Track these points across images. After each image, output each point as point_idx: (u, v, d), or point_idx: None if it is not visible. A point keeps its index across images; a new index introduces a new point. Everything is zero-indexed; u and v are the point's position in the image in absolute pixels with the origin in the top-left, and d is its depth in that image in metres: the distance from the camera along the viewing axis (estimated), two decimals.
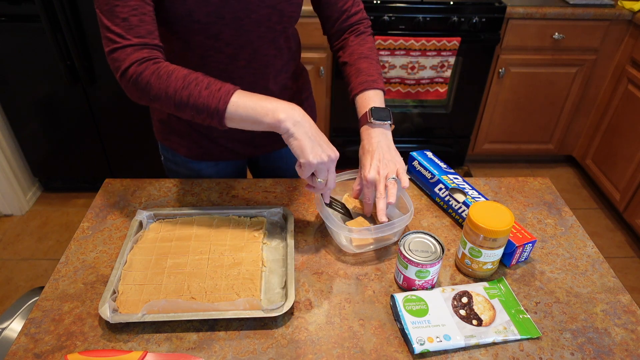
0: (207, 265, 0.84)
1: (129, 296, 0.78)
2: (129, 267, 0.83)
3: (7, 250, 2.12)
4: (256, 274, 0.82)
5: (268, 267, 0.85)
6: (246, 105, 0.75)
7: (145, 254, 0.86)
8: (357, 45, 1.00)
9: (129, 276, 0.82)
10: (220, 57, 0.91)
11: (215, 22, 0.85)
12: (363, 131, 0.93)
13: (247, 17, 0.87)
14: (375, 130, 0.91)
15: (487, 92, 2.38)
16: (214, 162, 1.12)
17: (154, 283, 0.80)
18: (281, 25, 0.91)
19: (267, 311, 0.74)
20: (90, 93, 2.06)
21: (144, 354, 0.69)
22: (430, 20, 2.08)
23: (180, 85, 0.76)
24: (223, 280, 0.81)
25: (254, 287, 0.80)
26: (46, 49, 1.90)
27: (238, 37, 0.89)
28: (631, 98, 2.16)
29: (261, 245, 0.88)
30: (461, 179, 0.99)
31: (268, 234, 0.92)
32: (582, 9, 2.11)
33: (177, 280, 0.81)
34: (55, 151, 2.25)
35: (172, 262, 0.84)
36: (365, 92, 0.95)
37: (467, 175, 2.62)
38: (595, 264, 0.88)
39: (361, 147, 0.92)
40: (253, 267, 0.83)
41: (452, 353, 0.72)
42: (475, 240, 0.80)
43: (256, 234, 0.90)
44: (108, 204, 1.00)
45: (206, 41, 0.88)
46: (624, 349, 0.73)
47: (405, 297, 0.77)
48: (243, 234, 0.90)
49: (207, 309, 0.75)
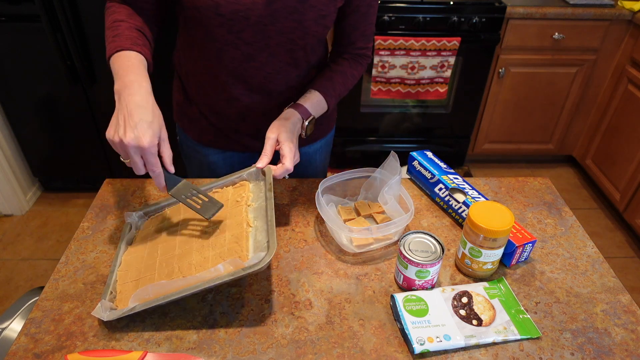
0: (195, 242, 0.83)
1: (126, 294, 0.78)
2: (124, 267, 0.83)
3: (7, 250, 2.12)
4: (242, 236, 0.79)
5: (255, 227, 0.82)
6: (117, 62, 0.80)
7: (138, 252, 0.86)
8: (348, 66, 1.05)
9: (124, 276, 0.81)
10: (237, 54, 0.93)
11: (240, 20, 0.87)
12: (289, 109, 0.98)
13: (272, 24, 0.89)
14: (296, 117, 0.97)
15: (487, 92, 2.38)
16: (221, 150, 1.14)
17: (148, 274, 0.80)
18: (303, 41, 0.93)
19: (247, 268, 0.70)
20: (90, 93, 2.06)
21: (144, 354, 0.69)
22: (430, 20, 2.08)
23: (108, 25, 0.86)
24: (210, 251, 0.79)
25: (241, 248, 0.77)
26: (46, 49, 1.90)
27: (259, 40, 0.91)
28: (631, 98, 2.16)
29: (244, 208, 0.85)
30: (461, 179, 0.99)
31: (252, 195, 0.89)
32: (582, 9, 2.11)
33: (169, 265, 0.80)
34: (55, 151, 2.25)
35: (162, 249, 0.84)
36: (319, 95, 1.01)
37: (467, 175, 2.62)
38: (595, 264, 0.88)
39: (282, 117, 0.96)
40: (238, 230, 0.81)
41: (452, 353, 0.72)
42: (475, 240, 0.80)
43: (238, 199, 0.88)
44: (108, 204, 1.00)
45: (227, 35, 0.89)
46: (624, 349, 0.73)
47: (405, 297, 0.77)
48: (227, 202, 0.88)
49: (190, 283, 0.72)
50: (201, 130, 1.11)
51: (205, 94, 1.04)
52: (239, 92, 1.00)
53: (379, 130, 2.48)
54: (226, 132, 1.10)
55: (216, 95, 1.02)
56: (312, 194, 1.03)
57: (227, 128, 1.09)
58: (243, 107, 1.03)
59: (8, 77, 2.00)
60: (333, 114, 1.21)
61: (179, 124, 1.16)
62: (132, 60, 0.80)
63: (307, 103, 0.99)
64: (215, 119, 1.07)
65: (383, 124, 2.45)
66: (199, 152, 1.15)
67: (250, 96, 1.01)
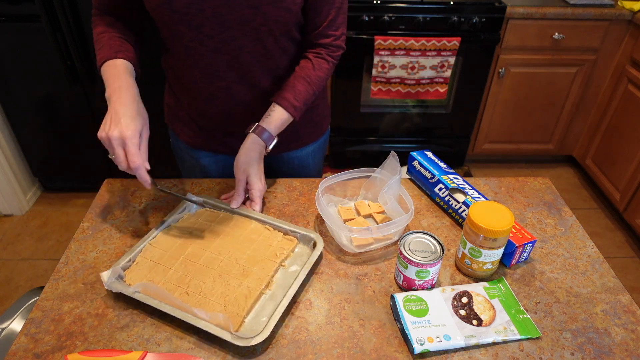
0: (217, 267, 0.83)
1: (140, 270, 0.82)
2: (156, 242, 0.87)
3: (7, 250, 2.12)
4: (253, 294, 0.77)
5: (272, 291, 0.80)
6: (105, 73, 0.88)
7: (174, 237, 0.89)
8: (311, 68, 0.98)
9: (150, 250, 0.85)
10: (204, 50, 0.92)
11: (196, 14, 0.86)
12: (253, 136, 0.97)
13: (228, 13, 0.87)
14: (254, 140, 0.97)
15: (487, 92, 2.38)
16: (212, 153, 1.14)
17: (166, 265, 0.83)
18: (266, 27, 0.89)
19: (234, 337, 0.70)
20: (90, 93, 2.06)
21: (144, 354, 0.69)
22: (430, 20, 2.08)
23: (95, 39, 0.93)
24: (221, 287, 0.79)
25: (243, 306, 0.75)
26: (46, 49, 1.90)
27: (221, 32, 0.89)
28: (631, 98, 2.16)
29: (277, 266, 0.83)
30: (461, 179, 0.99)
31: (293, 255, 0.87)
32: (582, 9, 2.11)
33: (185, 271, 0.82)
34: (55, 151, 2.25)
35: (191, 252, 0.85)
36: (283, 112, 0.97)
37: (467, 175, 2.62)
38: (595, 264, 0.88)
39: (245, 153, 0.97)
40: (255, 285, 0.79)
41: (452, 353, 0.72)
42: (475, 240, 0.80)
43: (277, 253, 0.86)
44: (108, 204, 1.00)
45: (189, 32, 0.89)
46: (624, 349, 0.73)
47: (405, 297, 0.77)
48: (268, 247, 0.87)
49: (186, 310, 0.73)
50: (191, 134, 1.11)
51: (188, 96, 1.04)
52: (215, 90, 0.99)
53: (379, 130, 2.48)
54: (213, 134, 1.09)
55: (196, 95, 1.01)
56: (312, 194, 1.03)
57: (214, 130, 1.08)
58: (224, 105, 1.02)
59: (8, 77, 2.00)
60: (326, 117, 1.19)
61: (170, 128, 1.16)
62: (118, 67, 0.88)
63: (272, 125, 0.96)
64: (202, 122, 1.07)
65: (383, 124, 2.45)
66: (192, 155, 1.15)
67: (228, 92, 0.99)
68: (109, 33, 0.92)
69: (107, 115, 0.83)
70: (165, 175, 1.15)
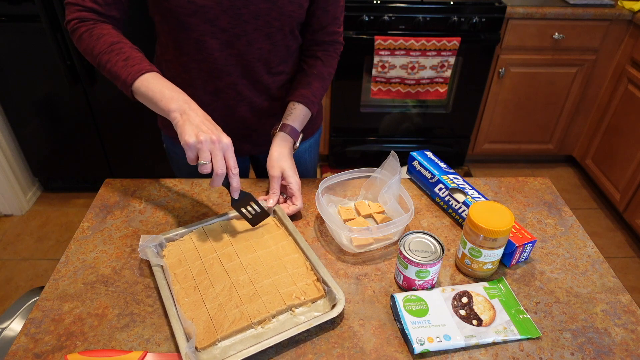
0: (234, 279, 0.80)
1: (178, 249, 0.85)
2: (209, 229, 0.89)
3: (7, 250, 2.12)
4: (240, 323, 0.73)
5: (262, 331, 0.74)
6: (150, 86, 0.81)
7: (227, 230, 0.90)
8: (322, 65, 1.05)
9: (200, 234, 0.88)
10: (215, 44, 0.92)
11: (213, 6, 0.86)
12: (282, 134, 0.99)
13: (245, 7, 0.88)
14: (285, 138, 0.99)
15: (487, 92, 2.38)
16: None
17: (200, 253, 0.84)
18: (279, 22, 0.92)
19: (189, 348, 0.66)
20: (90, 93, 2.06)
21: (144, 354, 0.69)
22: (430, 20, 2.08)
23: (105, 50, 0.84)
24: (223, 299, 0.76)
25: (222, 329, 0.72)
26: (46, 49, 1.90)
27: (235, 26, 0.90)
28: (631, 98, 2.16)
29: (284, 308, 0.76)
30: (461, 179, 0.99)
31: (311, 306, 0.79)
32: (582, 9, 2.11)
33: (208, 268, 0.82)
34: (55, 151, 2.25)
35: (226, 252, 0.85)
36: (303, 108, 1.02)
37: (467, 175, 2.62)
38: (595, 264, 0.88)
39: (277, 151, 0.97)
40: (250, 314, 0.74)
41: (452, 353, 0.72)
42: (475, 240, 0.80)
43: (295, 295, 0.78)
44: (108, 204, 1.00)
45: (202, 25, 0.89)
46: (624, 349, 0.73)
47: (405, 297, 0.77)
48: (292, 285, 0.80)
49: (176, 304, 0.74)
50: None
51: (190, 93, 1.03)
52: (222, 85, 0.99)
53: (379, 130, 2.48)
54: None
55: (200, 90, 1.00)
56: (312, 194, 1.03)
57: None
58: (229, 100, 1.02)
59: (8, 77, 2.00)
60: (320, 113, 1.21)
61: (164, 131, 1.15)
62: (168, 81, 0.84)
63: (296, 122, 1.00)
64: None
65: (383, 124, 2.45)
66: None
67: (234, 88, 1.00)
68: (123, 43, 0.86)
69: (190, 121, 0.77)
70: (166, 176, 1.16)
